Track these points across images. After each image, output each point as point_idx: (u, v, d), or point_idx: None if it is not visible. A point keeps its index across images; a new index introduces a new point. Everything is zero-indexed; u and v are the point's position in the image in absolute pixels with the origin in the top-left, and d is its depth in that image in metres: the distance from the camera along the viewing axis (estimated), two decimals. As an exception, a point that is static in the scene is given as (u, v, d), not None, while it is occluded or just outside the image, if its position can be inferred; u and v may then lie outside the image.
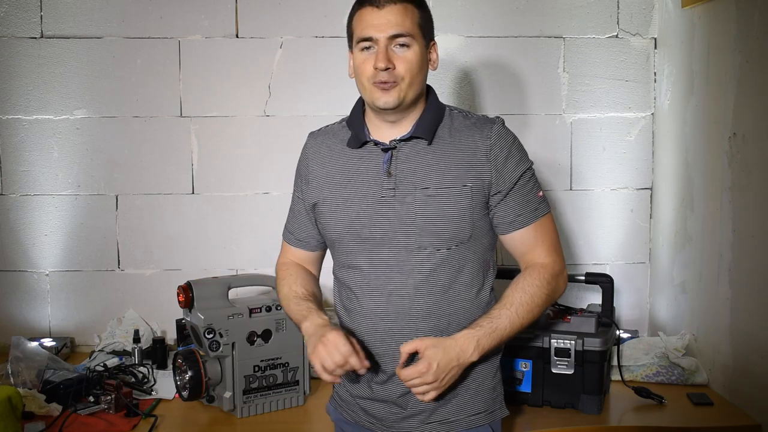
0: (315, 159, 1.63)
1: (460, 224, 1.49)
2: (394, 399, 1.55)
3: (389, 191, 1.51)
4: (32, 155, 2.52)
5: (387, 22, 1.46)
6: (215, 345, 1.93)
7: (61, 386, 2.00)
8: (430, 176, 1.50)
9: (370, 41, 1.47)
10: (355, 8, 1.52)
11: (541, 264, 1.55)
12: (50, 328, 2.56)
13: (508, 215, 1.53)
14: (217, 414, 1.99)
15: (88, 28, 2.50)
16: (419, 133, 1.52)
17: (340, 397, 1.68)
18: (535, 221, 1.55)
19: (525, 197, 1.54)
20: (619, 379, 2.13)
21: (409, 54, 1.48)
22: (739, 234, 1.97)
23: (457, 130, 1.54)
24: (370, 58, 1.48)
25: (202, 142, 2.54)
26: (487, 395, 1.58)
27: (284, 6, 2.51)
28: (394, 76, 1.46)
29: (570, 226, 2.57)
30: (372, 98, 1.50)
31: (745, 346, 1.96)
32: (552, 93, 2.54)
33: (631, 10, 2.52)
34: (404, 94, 1.48)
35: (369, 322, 1.54)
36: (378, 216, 1.51)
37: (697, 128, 2.23)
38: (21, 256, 2.55)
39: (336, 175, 1.57)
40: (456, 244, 1.50)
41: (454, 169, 1.50)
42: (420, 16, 1.50)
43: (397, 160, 1.52)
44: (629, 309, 2.59)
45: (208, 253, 2.56)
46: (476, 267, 1.55)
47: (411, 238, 1.49)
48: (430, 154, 1.52)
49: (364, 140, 1.55)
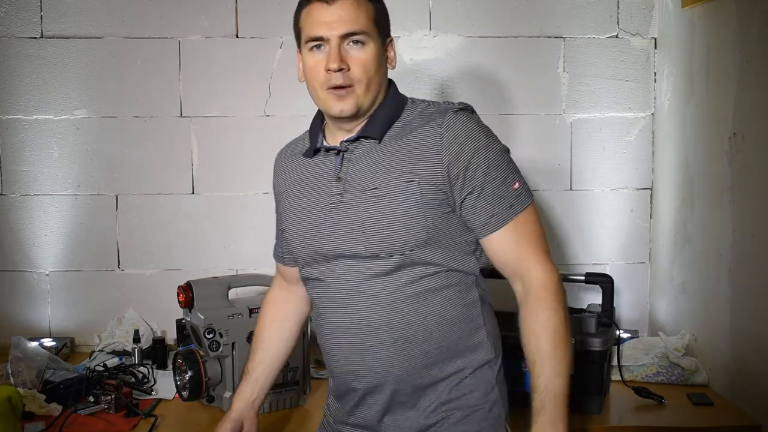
0: (279, 174, 1.56)
1: (411, 226, 1.32)
2: (369, 423, 1.43)
3: (336, 197, 1.38)
4: (32, 155, 2.52)
5: (338, 19, 1.32)
6: (215, 345, 1.93)
7: (61, 386, 2.00)
8: (378, 176, 1.35)
9: (320, 41, 1.34)
10: (303, 4, 1.38)
11: (536, 286, 1.35)
12: (50, 328, 2.56)
13: (480, 216, 1.35)
14: (217, 414, 1.99)
15: (88, 28, 2.50)
16: (367, 132, 1.39)
17: (327, 421, 1.59)
18: (513, 218, 1.35)
19: (495, 192, 1.34)
20: (619, 379, 2.13)
21: (365, 53, 1.34)
22: (739, 234, 1.97)
23: (411, 124, 1.38)
24: (321, 60, 1.34)
25: (202, 142, 2.54)
26: (480, 416, 1.40)
27: (284, 6, 2.49)
28: (348, 79, 1.33)
29: (570, 226, 2.57)
30: (326, 106, 1.38)
31: (745, 346, 1.96)
32: (552, 93, 2.54)
33: (631, 10, 2.52)
34: (361, 100, 1.35)
35: (333, 338, 1.42)
36: (328, 224, 1.38)
37: (697, 128, 2.23)
38: (21, 256, 2.55)
39: (294, 188, 1.48)
40: (410, 249, 1.33)
41: (402, 165, 1.34)
42: (375, 10, 1.36)
43: (348, 162, 1.39)
44: (629, 309, 2.59)
45: (208, 253, 2.56)
46: (452, 270, 1.38)
47: (361, 245, 1.34)
48: (380, 153, 1.37)
49: (316, 147, 1.45)
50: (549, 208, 2.54)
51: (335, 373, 1.46)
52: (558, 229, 2.55)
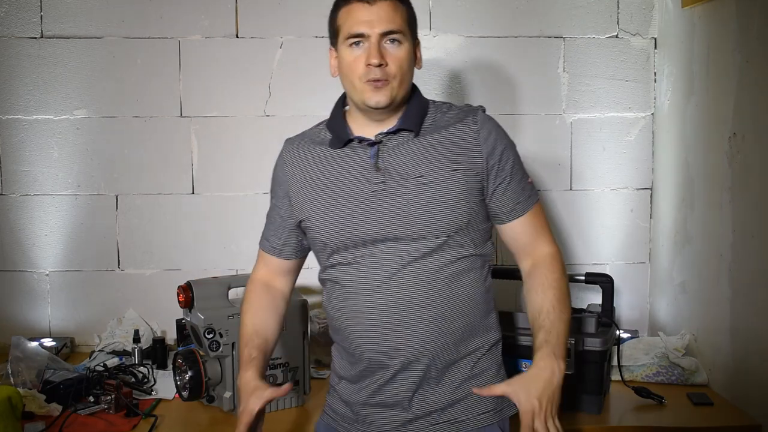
0: (295, 165, 1.59)
1: (456, 210, 1.46)
2: (399, 399, 1.51)
3: (379, 185, 1.47)
4: (32, 155, 2.52)
5: (379, 18, 1.43)
6: (215, 345, 1.93)
7: (61, 386, 2.00)
8: (421, 165, 1.47)
9: (361, 37, 1.44)
10: (341, 3, 1.49)
11: (545, 255, 1.54)
12: (50, 328, 2.56)
13: (508, 203, 1.52)
14: (217, 414, 1.99)
15: (88, 28, 2.50)
16: (406, 125, 1.50)
17: (333, 410, 1.63)
18: (532, 207, 1.55)
19: (519, 184, 1.53)
20: (619, 379, 2.13)
21: (401, 51, 1.46)
22: (739, 234, 1.97)
23: (442, 121, 1.53)
24: (361, 56, 1.45)
25: (202, 142, 2.54)
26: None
27: (284, 6, 2.51)
28: (385, 74, 1.44)
29: (570, 226, 2.57)
30: (363, 98, 1.47)
31: (745, 346, 1.96)
32: (552, 93, 2.54)
33: (631, 10, 2.52)
34: (395, 92, 1.47)
35: (367, 318, 1.49)
36: (371, 211, 1.47)
37: (697, 128, 2.23)
38: (21, 256, 2.55)
39: (321, 178, 1.54)
40: (454, 231, 1.47)
41: (444, 156, 1.48)
42: (408, 13, 1.49)
43: (383, 153, 1.49)
44: (629, 309, 2.59)
45: (208, 253, 2.56)
46: (476, 253, 1.52)
47: (409, 228, 1.46)
48: (417, 145, 1.50)
49: (347, 139, 1.52)
50: (549, 208, 2.54)
51: (365, 354, 1.51)
52: (558, 229, 2.55)
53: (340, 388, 1.60)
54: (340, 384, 1.61)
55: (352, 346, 1.53)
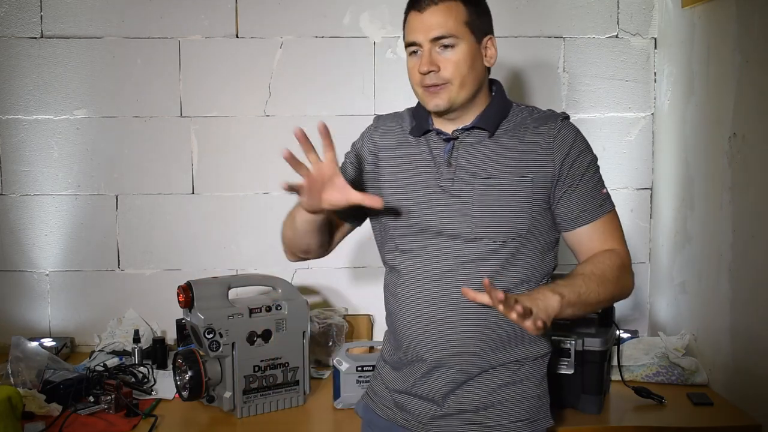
0: (380, 138, 1.61)
1: (519, 216, 1.47)
2: (433, 395, 1.53)
3: (448, 180, 1.50)
4: (32, 155, 2.52)
5: (429, 26, 1.46)
6: (215, 345, 1.93)
7: (61, 386, 2.00)
8: (491, 167, 1.49)
9: (416, 45, 1.48)
10: (405, 13, 1.53)
11: (610, 250, 1.50)
12: (50, 328, 2.56)
13: (573, 210, 1.51)
14: (217, 414, 1.99)
15: (88, 28, 2.50)
16: (482, 123, 1.52)
17: (374, 392, 1.66)
18: (601, 217, 1.52)
19: (590, 193, 1.51)
20: (619, 379, 2.13)
21: (455, 54, 1.46)
22: (739, 234, 1.97)
23: (521, 124, 1.53)
24: (417, 63, 1.48)
25: (202, 142, 2.54)
26: (531, 403, 1.54)
27: (284, 6, 2.51)
28: (440, 78, 1.46)
29: (570, 226, 2.57)
30: (423, 102, 1.52)
31: (745, 346, 1.96)
32: (552, 93, 2.54)
33: (631, 10, 2.52)
34: (455, 95, 1.48)
35: (414, 308, 1.52)
36: (436, 204, 1.50)
37: (697, 128, 2.23)
38: (21, 256, 2.55)
39: (398, 158, 1.57)
40: (513, 238, 1.47)
41: (516, 160, 1.49)
42: (467, 12, 1.48)
43: (458, 150, 1.52)
44: (629, 309, 2.59)
45: (208, 253, 2.56)
46: (531, 265, 1.51)
47: (468, 227, 1.47)
48: (491, 146, 1.51)
49: (427, 129, 1.55)
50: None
51: (404, 343, 1.54)
52: (558, 229, 2.54)
53: (383, 372, 1.64)
54: (384, 368, 1.64)
55: (397, 331, 1.57)
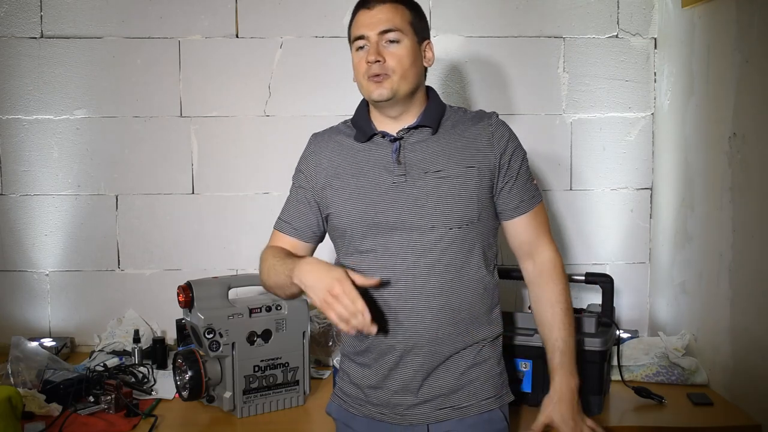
0: (322, 153, 1.67)
1: (469, 204, 1.57)
2: (407, 384, 1.58)
3: (400, 177, 1.57)
4: (32, 155, 2.52)
5: (378, 20, 1.56)
6: (215, 345, 1.93)
7: (61, 386, 2.00)
8: (439, 161, 1.58)
9: (363, 39, 1.57)
10: (352, 13, 1.62)
11: (547, 261, 1.65)
12: (50, 328, 2.56)
13: (513, 201, 1.63)
14: (217, 414, 1.99)
15: (88, 28, 2.50)
16: (426, 122, 1.61)
17: (344, 392, 1.69)
18: (534, 207, 1.65)
19: (525, 185, 1.65)
20: (619, 379, 2.14)
21: (399, 49, 1.56)
22: (739, 234, 1.97)
23: (459, 122, 1.64)
24: (364, 56, 1.57)
25: (202, 142, 2.54)
26: (495, 381, 1.64)
27: (284, 6, 2.51)
28: (384, 69, 1.54)
29: (570, 226, 2.57)
30: (367, 92, 1.59)
31: (745, 346, 1.96)
32: (552, 93, 2.54)
33: (631, 10, 2.52)
34: (396, 86, 1.56)
35: (381, 300, 1.57)
36: (391, 201, 1.57)
37: (697, 128, 2.23)
38: (21, 256, 2.55)
39: (346, 167, 1.63)
40: (466, 224, 1.57)
41: (461, 153, 1.59)
42: (411, 15, 1.60)
43: (404, 149, 1.59)
44: (629, 309, 2.59)
45: (208, 253, 2.56)
46: (484, 248, 1.61)
47: (424, 218, 1.55)
48: (436, 142, 1.60)
49: (372, 133, 1.62)
50: (549, 208, 2.54)
51: (374, 336, 1.55)
52: (558, 228, 2.55)
53: (350, 370, 1.67)
54: (351, 367, 1.68)
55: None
